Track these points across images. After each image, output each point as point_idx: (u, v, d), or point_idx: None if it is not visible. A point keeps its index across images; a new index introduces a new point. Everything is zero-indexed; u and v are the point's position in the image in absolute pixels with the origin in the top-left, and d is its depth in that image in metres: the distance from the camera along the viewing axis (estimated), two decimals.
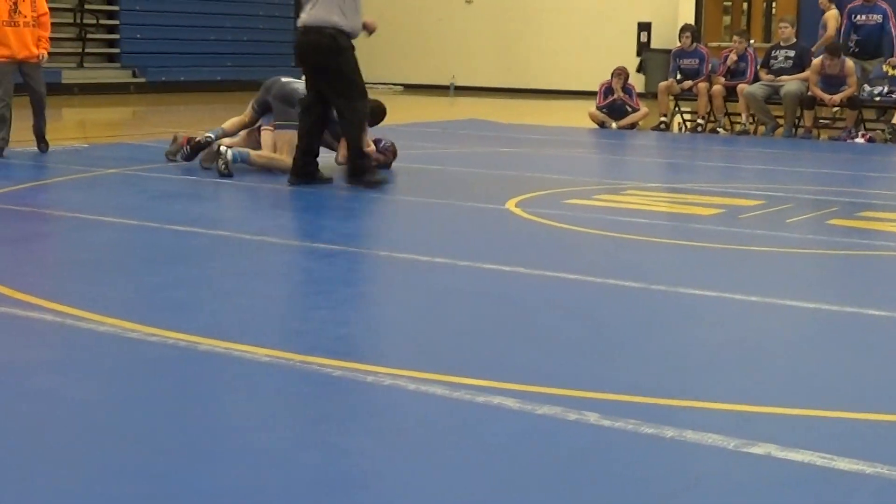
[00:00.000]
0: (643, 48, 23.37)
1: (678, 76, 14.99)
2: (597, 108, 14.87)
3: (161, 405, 3.39)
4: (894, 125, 13.27)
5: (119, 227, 6.62)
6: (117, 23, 21.55)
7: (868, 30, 13.99)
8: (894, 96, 13.53)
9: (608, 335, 4.37)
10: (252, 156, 9.03)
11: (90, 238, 6.30)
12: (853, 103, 13.57)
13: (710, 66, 14.65)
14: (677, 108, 15.31)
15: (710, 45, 18.26)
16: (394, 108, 11.26)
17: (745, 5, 24.29)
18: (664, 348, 4.21)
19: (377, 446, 3.08)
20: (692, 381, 3.76)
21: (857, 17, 14.06)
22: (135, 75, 21.44)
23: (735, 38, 14.80)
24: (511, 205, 7.60)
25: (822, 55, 13.69)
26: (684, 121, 15.35)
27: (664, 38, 22.27)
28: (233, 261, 5.65)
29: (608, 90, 14.78)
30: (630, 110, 14.69)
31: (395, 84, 24.91)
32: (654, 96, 16.10)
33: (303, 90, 8.76)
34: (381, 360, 3.84)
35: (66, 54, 19.98)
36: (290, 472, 2.87)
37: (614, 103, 14.70)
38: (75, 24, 20.79)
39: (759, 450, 3.04)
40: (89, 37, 21.08)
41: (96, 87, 20.31)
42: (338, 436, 3.15)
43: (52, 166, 9.36)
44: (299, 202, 7.98)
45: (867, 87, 13.63)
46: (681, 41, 15.02)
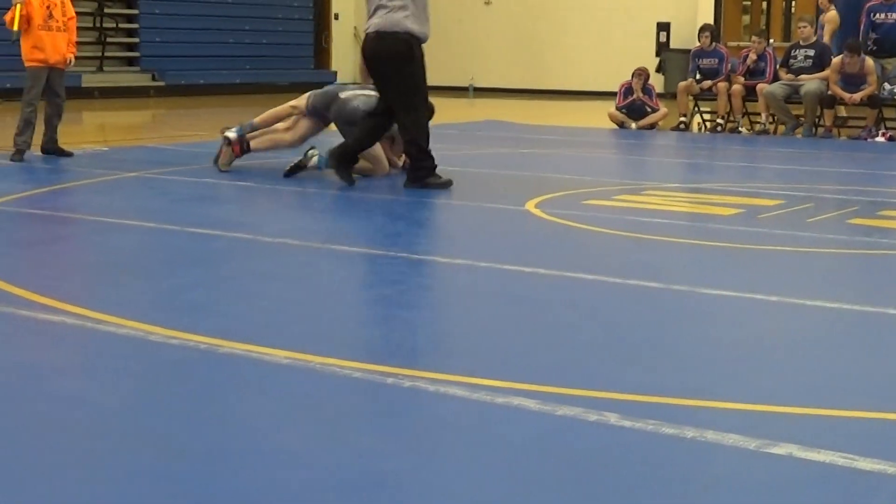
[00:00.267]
0: (662, 48, 23.33)
1: (697, 76, 14.94)
2: (616, 108, 14.85)
3: (181, 407, 3.40)
4: None
5: (139, 230, 6.64)
6: (137, 26, 21.66)
7: (887, 28, 13.90)
8: None
9: (628, 335, 4.36)
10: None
11: (110, 241, 6.32)
12: (873, 102, 13.51)
13: (729, 65, 14.60)
14: (697, 108, 15.27)
15: (730, 44, 18.21)
16: None
17: (765, 5, 24.23)
18: (684, 349, 4.21)
19: (397, 447, 3.08)
20: (712, 381, 3.75)
21: (877, 15, 13.97)
22: (154, 79, 21.53)
23: (754, 39, 14.76)
24: (530, 205, 7.60)
25: (841, 54, 13.64)
26: (704, 121, 15.31)
27: (683, 38, 22.23)
28: (252, 263, 5.66)
29: (627, 90, 14.76)
30: (649, 110, 14.67)
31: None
32: (674, 96, 16.06)
33: (364, 106, 8.70)
34: (401, 362, 3.84)
35: (85, 58, 20.03)
36: (310, 473, 2.87)
37: (634, 103, 14.67)
38: (95, 28, 20.88)
39: (780, 450, 3.03)
40: (109, 41, 21.16)
41: (116, 91, 20.40)
42: (358, 437, 3.15)
43: (71, 170, 9.40)
44: (318, 204, 8.00)
45: (887, 86, 13.57)
46: (700, 41, 14.98)
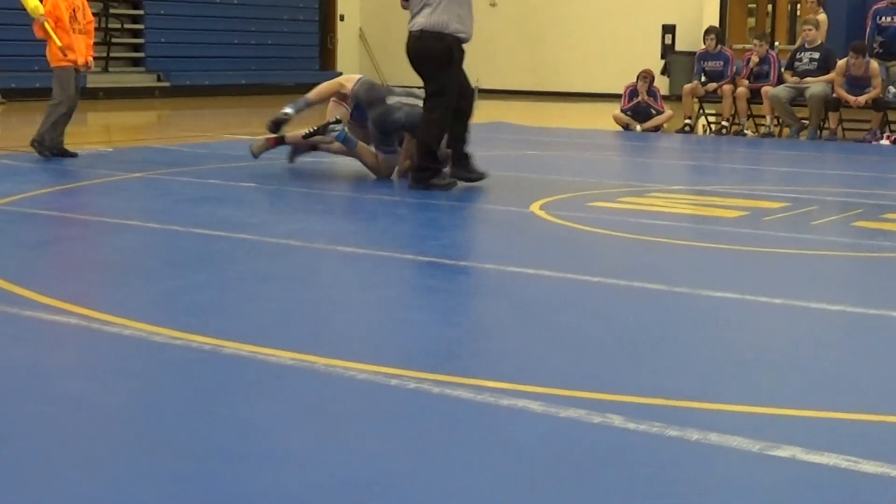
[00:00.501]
0: (668, 50, 23.32)
1: (703, 78, 14.94)
2: (621, 110, 14.85)
3: (186, 408, 3.41)
4: None
5: (144, 230, 6.65)
6: (142, 27, 21.68)
7: (893, 31, 13.88)
8: None
9: (632, 338, 4.36)
10: (360, 148, 9.00)
11: (115, 242, 6.33)
12: (878, 105, 13.50)
13: (734, 68, 14.60)
14: (702, 111, 15.27)
15: (735, 47, 18.18)
16: None
17: (770, 7, 24.22)
18: (688, 351, 4.21)
19: (402, 449, 3.08)
20: (716, 383, 3.75)
21: (883, 18, 13.96)
22: (159, 79, 21.55)
23: (755, 41, 14.74)
24: (535, 207, 7.59)
25: (846, 56, 13.63)
26: (709, 123, 15.30)
27: (688, 40, 22.21)
28: (257, 264, 5.66)
29: (633, 92, 14.77)
30: (654, 113, 14.67)
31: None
32: (679, 99, 16.06)
33: (406, 121, 8.73)
34: (405, 364, 3.84)
35: None
36: (314, 475, 2.88)
37: (639, 106, 14.67)
38: (100, 29, 20.85)
39: (784, 452, 3.03)
40: (114, 41, 21.18)
41: (121, 92, 20.42)
42: (362, 438, 3.15)
43: (76, 170, 9.40)
44: (324, 205, 8.00)
45: (892, 89, 13.56)
46: (705, 43, 14.97)
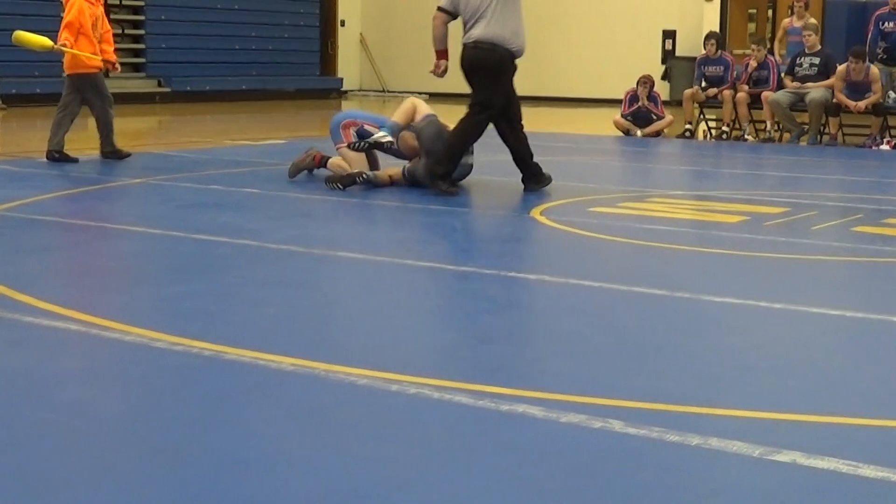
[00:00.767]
0: (668, 56, 23.33)
1: (703, 84, 14.93)
2: (621, 115, 14.85)
3: (187, 414, 3.41)
4: None
5: (144, 236, 6.65)
6: (143, 32, 21.67)
7: None
8: None
9: (632, 343, 4.36)
10: (403, 135, 8.82)
11: (115, 247, 6.33)
12: (878, 110, 13.51)
13: (734, 73, 14.60)
14: (702, 116, 15.27)
15: (735, 52, 18.19)
16: None
17: (770, 13, 24.22)
18: (688, 356, 4.21)
19: (402, 455, 3.08)
20: (717, 388, 3.75)
21: (885, 24, 13.96)
22: (160, 85, 21.55)
23: (753, 47, 14.74)
24: (536, 213, 7.60)
25: (846, 62, 13.63)
26: (709, 128, 15.31)
27: (689, 45, 22.21)
28: (257, 270, 5.67)
29: (633, 98, 14.77)
30: (655, 118, 14.66)
31: (421, 92, 24.91)
32: (679, 104, 16.06)
33: (456, 174, 8.64)
34: (406, 369, 3.84)
35: None
36: (315, 480, 2.88)
37: (639, 111, 14.68)
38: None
39: (784, 457, 3.04)
40: (115, 46, 21.14)
41: (122, 97, 20.33)
42: (362, 444, 3.16)
43: (77, 176, 9.41)
44: (324, 211, 7.99)
45: (892, 94, 13.57)
46: (705, 49, 14.97)
